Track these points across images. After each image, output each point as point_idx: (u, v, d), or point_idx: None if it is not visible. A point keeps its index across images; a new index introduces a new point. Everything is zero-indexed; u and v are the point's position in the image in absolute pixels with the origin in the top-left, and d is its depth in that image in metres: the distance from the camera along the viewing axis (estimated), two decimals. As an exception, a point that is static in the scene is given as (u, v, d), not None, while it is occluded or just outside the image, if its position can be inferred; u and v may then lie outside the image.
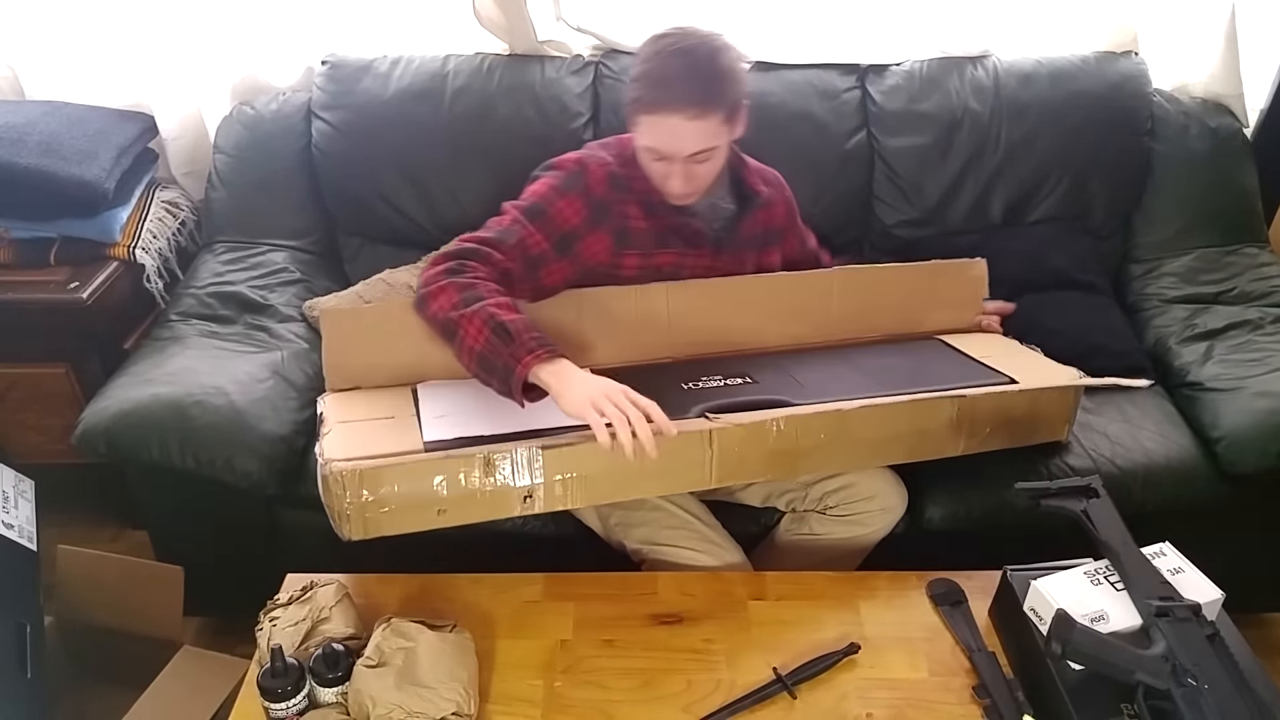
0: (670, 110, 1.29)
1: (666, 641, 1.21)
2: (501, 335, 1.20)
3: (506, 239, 1.35)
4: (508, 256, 1.34)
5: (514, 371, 1.17)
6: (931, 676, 1.16)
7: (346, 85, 1.93)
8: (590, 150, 1.45)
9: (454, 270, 1.29)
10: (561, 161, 1.43)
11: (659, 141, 1.33)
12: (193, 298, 1.78)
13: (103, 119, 1.92)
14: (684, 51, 1.31)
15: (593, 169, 1.40)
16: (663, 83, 1.29)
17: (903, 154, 1.91)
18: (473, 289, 1.26)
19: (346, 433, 1.26)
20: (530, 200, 1.39)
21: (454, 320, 1.24)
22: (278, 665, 1.07)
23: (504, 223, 1.38)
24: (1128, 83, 1.91)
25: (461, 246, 1.34)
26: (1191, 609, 1.06)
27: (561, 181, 1.40)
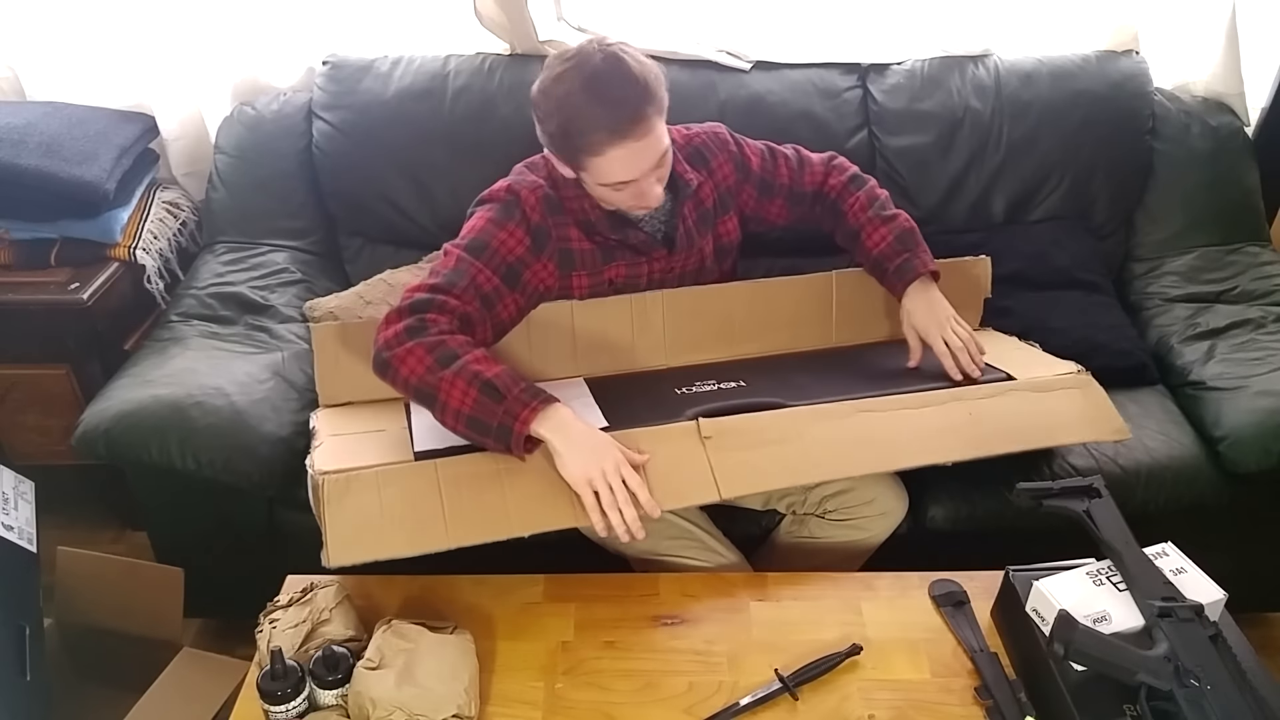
0: (619, 140, 1.22)
1: (668, 643, 1.21)
2: (490, 393, 1.16)
3: (457, 281, 1.28)
4: (463, 300, 1.27)
5: (512, 430, 1.15)
6: (934, 677, 1.16)
7: (347, 85, 1.93)
8: (519, 175, 1.40)
9: (414, 329, 1.21)
10: (493, 193, 1.38)
11: (622, 172, 1.26)
12: (193, 298, 1.78)
13: (103, 120, 1.92)
14: (593, 78, 1.22)
15: (525, 195, 1.35)
16: (594, 121, 1.22)
17: (904, 153, 1.91)
18: (443, 346, 1.19)
19: (337, 445, 1.26)
20: (471, 236, 1.34)
21: (431, 384, 1.18)
22: (277, 667, 1.07)
23: (449, 264, 1.31)
24: (1129, 82, 1.91)
25: (414, 299, 1.25)
26: (1194, 609, 1.05)
27: (498, 213, 1.35)
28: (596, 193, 1.33)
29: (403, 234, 1.96)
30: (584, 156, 1.26)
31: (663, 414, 1.28)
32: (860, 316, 1.57)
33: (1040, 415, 1.39)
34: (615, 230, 1.40)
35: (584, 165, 1.28)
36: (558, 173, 1.36)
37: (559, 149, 1.30)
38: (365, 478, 1.18)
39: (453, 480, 1.19)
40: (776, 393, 1.36)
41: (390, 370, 1.22)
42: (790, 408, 1.32)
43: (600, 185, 1.30)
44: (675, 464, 1.24)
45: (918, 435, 1.35)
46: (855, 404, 1.34)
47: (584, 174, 1.30)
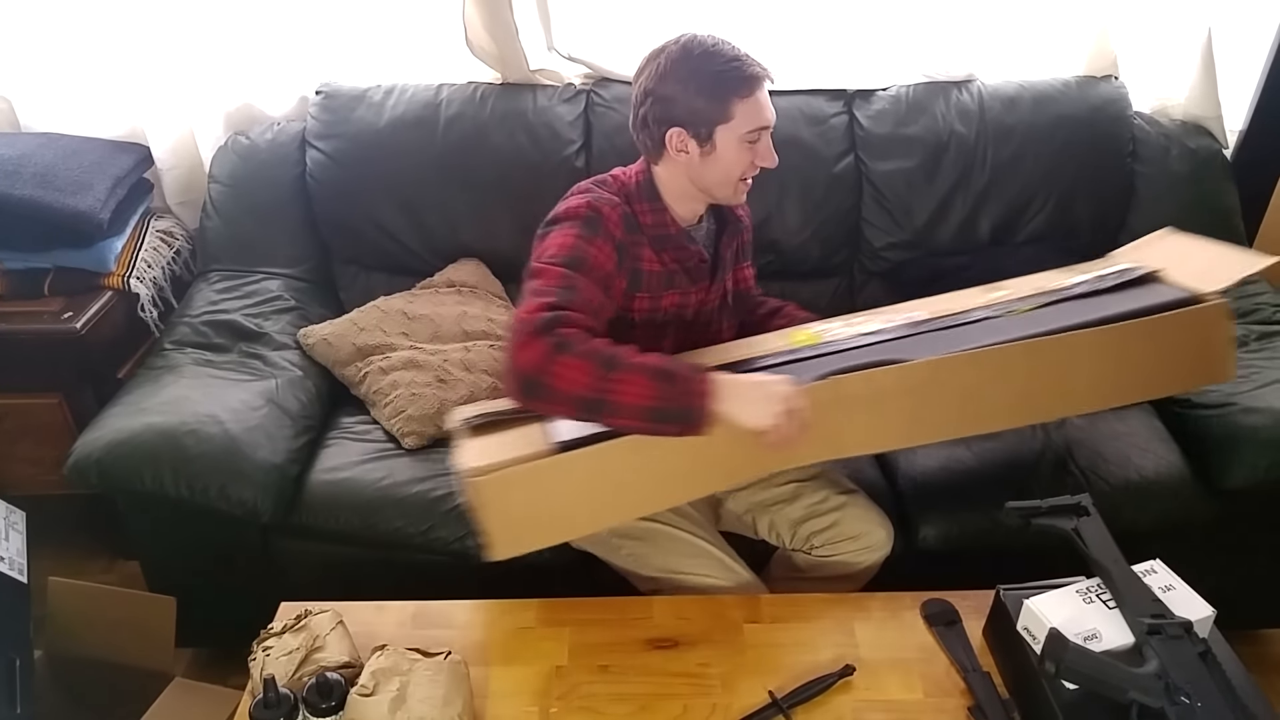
0: (759, 80, 1.31)
1: (662, 666, 1.21)
2: (665, 379, 1.17)
3: (571, 297, 1.23)
4: (583, 314, 1.23)
5: (697, 407, 1.16)
6: (927, 698, 1.16)
7: (341, 114, 1.95)
8: (592, 193, 1.37)
9: (560, 345, 1.16)
10: (572, 210, 1.33)
11: (763, 115, 1.32)
12: (187, 326, 1.78)
13: (98, 150, 1.94)
14: (713, 40, 1.32)
15: (607, 212, 1.32)
16: (735, 64, 1.29)
17: (890, 177, 1.93)
18: (598, 352, 1.16)
19: (479, 443, 1.27)
20: (565, 253, 1.28)
21: (600, 389, 1.15)
22: (270, 696, 1.07)
23: (554, 281, 1.24)
24: (1109, 106, 1.94)
25: (541, 318, 1.18)
26: (1183, 626, 1.06)
27: (584, 229, 1.31)
28: (728, 158, 1.33)
29: (396, 261, 1.97)
30: (736, 102, 1.29)
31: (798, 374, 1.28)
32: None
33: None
34: (680, 245, 1.40)
35: (733, 113, 1.30)
36: (629, 187, 1.38)
37: (702, 110, 1.30)
38: (517, 473, 1.19)
39: (599, 465, 1.21)
40: (904, 350, 1.32)
41: (544, 389, 1.16)
42: (919, 360, 1.28)
43: (741, 140, 1.31)
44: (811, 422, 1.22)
45: (1049, 388, 1.33)
46: (981, 353, 1.29)
47: (728, 128, 1.30)
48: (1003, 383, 1.32)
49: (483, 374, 1.75)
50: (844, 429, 1.29)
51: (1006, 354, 1.30)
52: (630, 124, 1.38)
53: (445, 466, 1.63)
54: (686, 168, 1.35)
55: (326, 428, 1.74)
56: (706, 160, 1.33)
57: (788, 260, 1.93)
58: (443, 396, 1.69)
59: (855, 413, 1.28)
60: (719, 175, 1.35)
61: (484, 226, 1.95)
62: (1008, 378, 1.32)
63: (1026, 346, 1.30)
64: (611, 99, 1.95)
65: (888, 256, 1.96)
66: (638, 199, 1.38)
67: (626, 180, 1.40)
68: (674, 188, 1.38)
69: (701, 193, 1.39)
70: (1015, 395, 1.34)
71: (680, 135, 1.32)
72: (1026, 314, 1.39)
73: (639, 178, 1.39)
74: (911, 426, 1.34)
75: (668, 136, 1.33)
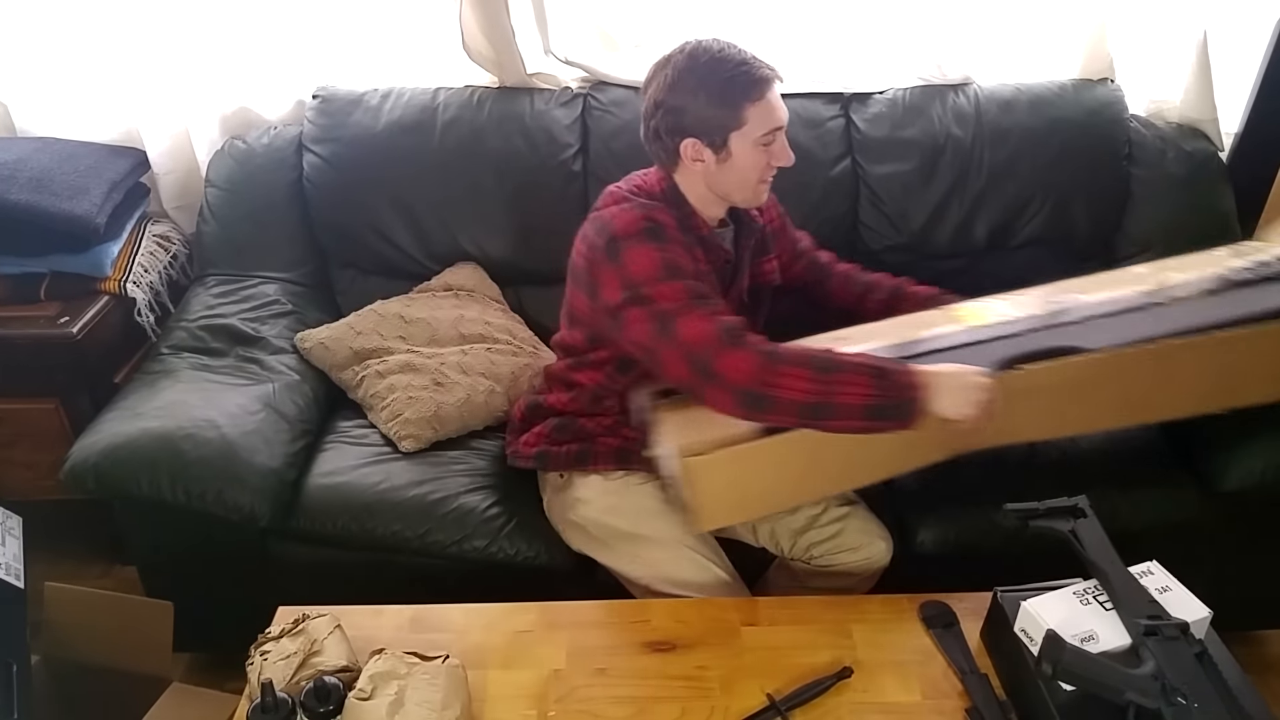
0: (769, 82, 1.31)
1: (660, 669, 1.21)
2: (880, 376, 1.19)
3: (710, 302, 1.26)
4: (726, 310, 1.27)
5: (914, 400, 1.19)
6: (924, 699, 1.16)
7: (337, 118, 1.95)
8: (632, 201, 1.35)
9: (769, 353, 1.20)
10: (632, 226, 1.29)
11: (775, 116, 1.32)
12: (184, 331, 1.78)
13: (94, 154, 1.94)
14: (724, 46, 1.31)
15: (662, 219, 1.31)
16: (743, 68, 1.29)
17: (887, 180, 1.93)
18: (808, 354, 1.22)
19: (681, 419, 1.28)
20: (660, 268, 1.26)
21: (823, 393, 1.18)
22: (268, 700, 1.07)
23: (680, 297, 1.24)
24: (1105, 109, 1.95)
25: (724, 328, 1.21)
26: (1180, 627, 1.07)
27: (654, 240, 1.28)
28: (745, 163, 1.33)
29: (393, 265, 1.97)
30: (746, 106, 1.29)
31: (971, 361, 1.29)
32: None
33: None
34: (714, 248, 1.40)
35: (745, 118, 1.30)
36: (663, 192, 1.37)
37: (714, 118, 1.30)
38: (730, 454, 1.24)
39: (803, 448, 1.25)
40: (1080, 337, 1.33)
41: (769, 401, 1.18)
42: (1099, 352, 1.30)
43: (756, 144, 1.31)
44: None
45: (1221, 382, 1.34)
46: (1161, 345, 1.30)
47: (742, 133, 1.30)
48: (1179, 375, 1.34)
49: (480, 376, 1.75)
50: (1021, 416, 1.31)
51: (1194, 346, 1.31)
52: (642, 136, 1.37)
53: (443, 469, 1.63)
54: (704, 175, 1.35)
55: (324, 432, 1.74)
56: (723, 167, 1.33)
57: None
58: (439, 399, 1.69)
59: (1034, 400, 1.31)
60: (737, 180, 1.36)
61: (481, 230, 1.95)
62: (1185, 370, 1.34)
63: (1218, 340, 1.31)
64: (609, 102, 1.95)
65: (885, 260, 1.96)
66: (668, 205, 1.37)
67: (650, 188, 1.39)
68: (695, 193, 1.38)
69: (721, 198, 1.39)
70: (1186, 387, 1.36)
71: (694, 145, 1.32)
72: (1194, 300, 1.37)
73: (661, 185, 1.38)
74: (1082, 415, 1.37)
75: (682, 147, 1.33)
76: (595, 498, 1.46)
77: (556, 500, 1.53)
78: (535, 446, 1.51)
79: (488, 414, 1.73)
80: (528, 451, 1.52)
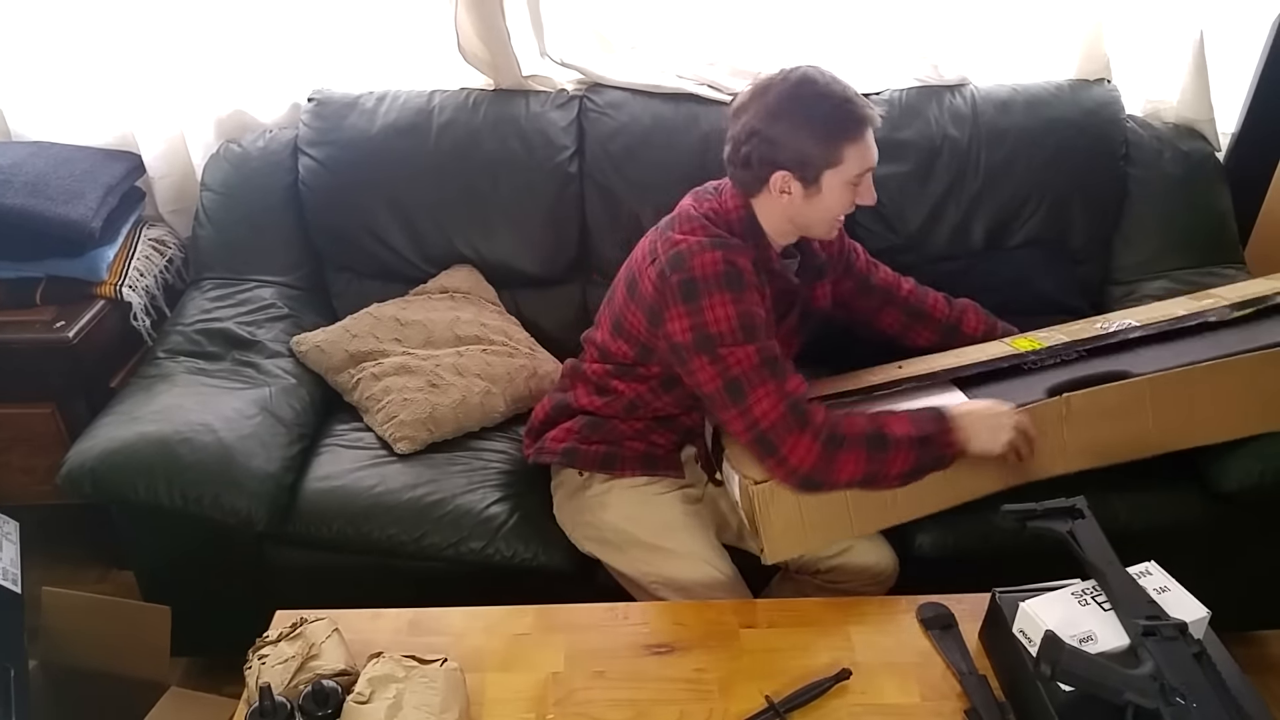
0: (870, 122, 1.30)
1: (659, 672, 1.21)
2: (923, 445, 1.27)
3: (779, 369, 1.28)
4: (798, 377, 1.30)
5: (946, 456, 1.30)
6: (923, 701, 1.16)
7: (333, 121, 1.95)
8: (711, 236, 1.31)
9: (829, 440, 1.25)
10: (711, 272, 1.28)
11: (869, 157, 1.31)
12: (180, 335, 1.78)
13: (90, 158, 1.93)
14: (826, 80, 1.29)
15: (741, 263, 1.29)
16: (848, 106, 1.27)
17: (884, 181, 1.91)
18: (863, 434, 1.26)
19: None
20: (736, 325, 1.27)
21: (876, 471, 1.27)
22: (266, 704, 1.07)
23: (752, 362, 1.27)
24: (1102, 109, 1.95)
25: (789, 409, 1.26)
26: (1178, 628, 1.07)
27: (733, 289, 1.28)
28: (831, 200, 1.32)
29: (390, 268, 1.97)
30: (846, 145, 1.28)
31: (1021, 390, 1.37)
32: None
33: None
34: (781, 278, 1.40)
35: (843, 156, 1.28)
36: (735, 217, 1.35)
37: (812, 154, 1.28)
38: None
39: None
40: (1121, 362, 1.39)
41: (824, 484, 1.28)
42: (1145, 376, 1.34)
43: (847, 183, 1.31)
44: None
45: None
46: (1206, 367, 1.35)
47: (836, 171, 1.29)
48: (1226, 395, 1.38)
49: (475, 378, 1.75)
50: (1074, 442, 1.37)
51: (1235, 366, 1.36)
52: (727, 157, 1.35)
53: (439, 472, 1.63)
54: (787, 207, 1.34)
55: (320, 435, 1.73)
56: (809, 201, 1.32)
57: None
58: (435, 401, 1.69)
59: (1086, 426, 1.36)
60: (819, 216, 1.35)
61: (477, 233, 1.95)
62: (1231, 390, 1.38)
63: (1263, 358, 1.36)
64: (604, 105, 1.95)
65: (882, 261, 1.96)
66: (744, 234, 1.35)
67: (727, 214, 1.36)
68: (772, 223, 1.37)
69: (798, 229, 1.39)
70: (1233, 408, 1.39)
71: (785, 177, 1.30)
72: (1239, 324, 1.43)
73: (739, 214, 1.36)
74: (1132, 440, 1.39)
75: (773, 179, 1.31)
76: (617, 503, 1.46)
77: (571, 501, 1.52)
78: (564, 442, 1.49)
79: (483, 415, 1.73)
80: (555, 447, 1.50)
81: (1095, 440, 1.38)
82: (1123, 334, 1.46)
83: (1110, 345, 1.45)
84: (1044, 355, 1.44)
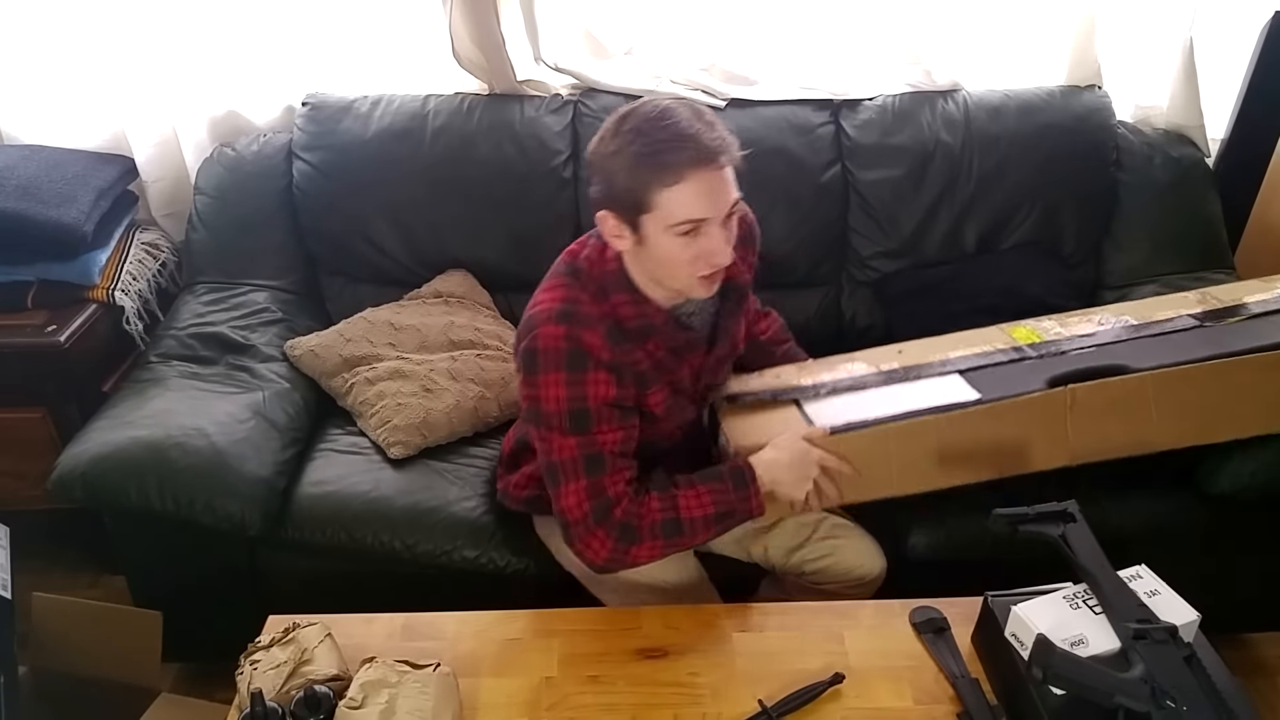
0: (702, 163, 1.11)
1: (651, 676, 1.21)
2: (720, 520, 1.26)
3: (597, 467, 1.22)
4: (618, 474, 1.23)
5: (750, 513, 1.28)
6: (916, 705, 1.16)
7: (327, 126, 1.95)
8: (556, 313, 1.21)
9: (624, 532, 1.23)
10: (551, 350, 1.19)
11: (702, 204, 1.13)
12: (173, 339, 1.78)
13: (82, 162, 1.93)
14: (666, 112, 1.13)
15: (588, 340, 1.20)
16: (676, 142, 1.11)
17: (877, 186, 1.94)
18: (656, 525, 1.24)
19: (746, 425, 1.36)
20: (566, 412, 1.20)
21: (674, 548, 1.27)
22: (257, 710, 1.06)
23: (570, 458, 1.22)
24: (1093, 115, 1.96)
25: (592, 510, 1.22)
26: (1168, 631, 1.07)
27: (571, 370, 1.19)
28: (661, 253, 1.17)
29: (383, 272, 1.97)
30: (658, 190, 1.12)
31: (1026, 379, 1.36)
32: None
33: None
34: (670, 335, 1.29)
35: (654, 203, 1.13)
36: (595, 281, 1.23)
37: (625, 197, 1.14)
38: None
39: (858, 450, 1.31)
40: (1118, 355, 1.38)
41: (628, 566, 1.27)
42: (1148, 372, 1.34)
43: (670, 233, 1.14)
44: (1033, 431, 1.35)
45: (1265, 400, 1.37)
46: (1212, 366, 1.34)
47: (652, 218, 1.14)
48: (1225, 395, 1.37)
49: (469, 382, 1.75)
50: (1074, 435, 1.36)
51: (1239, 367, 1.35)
52: None
53: (432, 478, 1.63)
54: (633, 255, 1.21)
55: (314, 440, 1.73)
56: (643, 249, 1.18)
57: (775, 271, 1.93)
58: (428, 406, 1.69)
59: (1083, 419, 1.35)
60: (665, 270, 1.20)
61: (472, 237, 1.95)
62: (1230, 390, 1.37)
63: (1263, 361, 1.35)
64: (599, 109, 1.95)
65: (875, 266, 1.97)
66: (615, 289, 1.24)
67: (606, 265, 1.24)
68: (642, 274, 1.24)
69: (659, 282, 1.23)
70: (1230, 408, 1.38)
71: (610, 219, 1.17)
72: (1235, 325, 1.43)
73: (614, 264, 1.24)
74: (1130, 435, 1.38)
75: (599, 219, 1.19)
76: (622, 588, 1.41)
77: (545, 521, 1.51)
78: (525, 490, 1.48)
79: (477, 420, 1.73)
80: (518, 494, 1.49)
81: (1098, 434, 1.37)
82: (1120, 328, 1.46)
83: (1110, 342, 1.45)
84: (1042, 348, 1.45)
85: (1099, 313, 1.53)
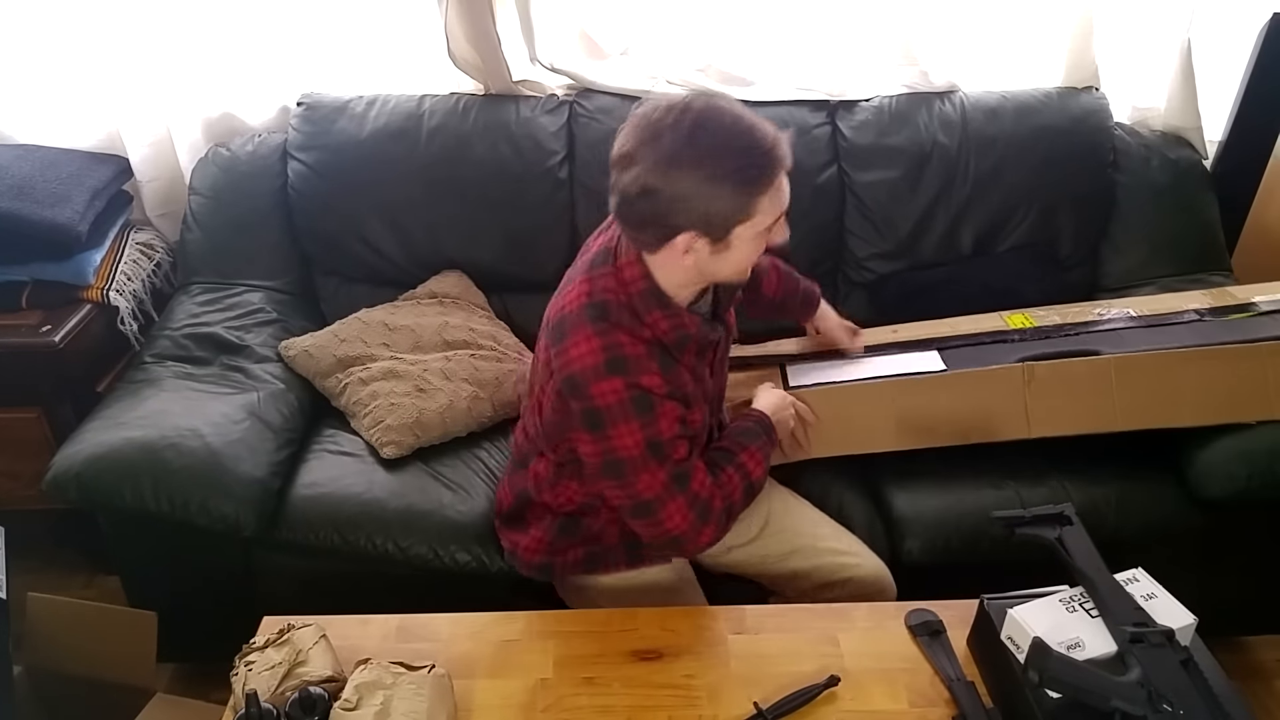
0: (780, 165, 1.14)
1: (647, 678, 1.21)
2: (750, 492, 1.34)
3: (688, 476, 1.24)
4: (698, 471, 1.26)
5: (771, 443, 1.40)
6: (912, 708, 1.16)
7: (322, 126, 1.94)
8: (604, 366, 1.19)
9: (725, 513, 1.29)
10: (612, 406, 1.19)
11: (783, 198, 1.17)
12: (168, 339, 1.77)
13: (77, 162, 1.93)
14: (738, 121, 1.12)
15: (645, 382, 1.19)
16: (767, 154, 1.12)
17: (873, 187, 1.94)
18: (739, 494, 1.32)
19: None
20: (644, 451, 1.20)
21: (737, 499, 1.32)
22: (253, 711, 1.06)
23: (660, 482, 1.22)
24: (1090, 117, 1.96)
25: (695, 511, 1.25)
26: (1165, 634, 1.07)
27: (641, 416, 1.19)
28: (741, 254, 1.19)
29: (379, 273, 1.97)
30: (758, 199, 1.13)
31: (993, 358, 1.48)
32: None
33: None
34: (702, 338, 1.29)
35: (756, 209, 1.14)
36: (637, 299, 1.22)
37: (720, 212, 1.13)
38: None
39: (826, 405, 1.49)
40: (1099, 342, 1.47)
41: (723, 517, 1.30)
42: (1111, 355, 1.42)
43: (761, 234, 1.17)
44: (992, 403, 1.46)
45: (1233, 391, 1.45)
46: (1177, 353, 1.43)
47: (749, 225, 1.15)
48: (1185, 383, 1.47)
49: (463, 382, 1.74)
50: (1039, 409, 1.47)
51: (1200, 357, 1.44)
52: (614, 210, 1.18)
53: (426, 480, 1.63)
54: (690, 266, 1.19)
55: (308, 440, 1.72)
56: (717, 256, 1.18)
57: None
58: (421, 406, 1.68)
59: (1049, 395, 1.46)
60: (730, 269, 1.22)
61: (467, 238, 1.95)
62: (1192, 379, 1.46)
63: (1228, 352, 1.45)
64: (595, 109, 1.95)
65: (871, 267, 1.97)
66: (647, 308, 1.22)
67: (630, 291, 1.22)
68: (675, 280, 1.23)
69: (704, 280, 1.26)
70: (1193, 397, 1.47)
71: (690, 238, 1.15)
72: (1236, 321, 1.51)
73: (640, 286, 1.22)
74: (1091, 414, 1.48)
75: (675, 240, 1.15)
76: (606, 590, 1.42)
77: (563, 583, 1.48)
78: (538, 555, 1.43)
79: (470, 420, 1.73)
80: (530, 560, 1.43)
81: (1058, 410, 1.46)
82: (1116, 321, 1.50)
83: (1097, 331, 1.50)
84: (1030, 333, 1.55)
85: (1103, 305, 1.56)
